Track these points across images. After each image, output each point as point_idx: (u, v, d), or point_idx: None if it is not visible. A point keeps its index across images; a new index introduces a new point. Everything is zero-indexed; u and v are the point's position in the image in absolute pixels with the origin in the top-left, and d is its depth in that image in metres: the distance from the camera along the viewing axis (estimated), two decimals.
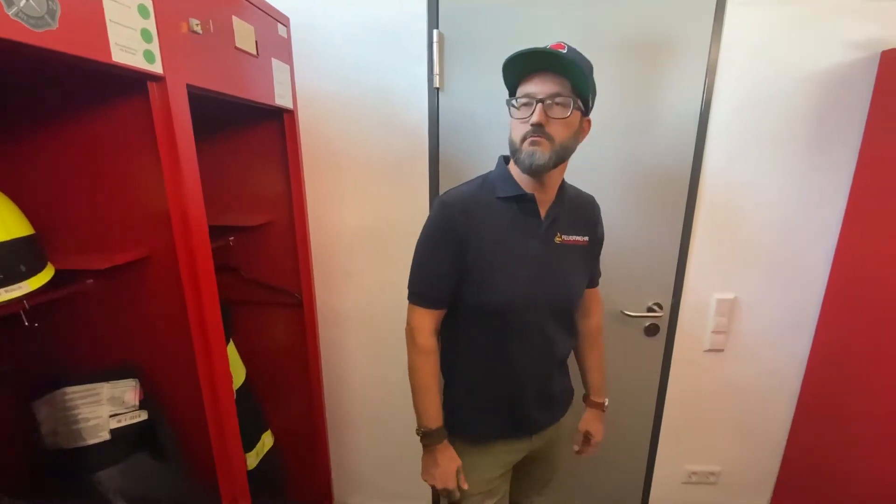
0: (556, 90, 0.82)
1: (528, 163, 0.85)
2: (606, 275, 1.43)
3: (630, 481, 1.69)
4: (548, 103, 0.82)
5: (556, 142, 0.84)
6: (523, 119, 0.84)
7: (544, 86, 0.82)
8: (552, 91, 0.82)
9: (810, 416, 1.52)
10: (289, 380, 1.28)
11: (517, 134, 0.86)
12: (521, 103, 0.85)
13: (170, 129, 0.67)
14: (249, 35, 0.86)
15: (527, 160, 0.85)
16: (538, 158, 0.84)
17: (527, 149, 0.85)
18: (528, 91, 0.84)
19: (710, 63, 1.28)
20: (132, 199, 0.71)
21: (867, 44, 1.27)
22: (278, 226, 1.15)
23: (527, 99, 0.84)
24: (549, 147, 0.84)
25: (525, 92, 0.84)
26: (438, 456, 0.96)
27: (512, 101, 0.87)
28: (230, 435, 0.84)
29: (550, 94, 0.82)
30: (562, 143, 0.85)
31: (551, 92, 0.82)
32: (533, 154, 0.84)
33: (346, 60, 1.29)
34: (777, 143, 1.34)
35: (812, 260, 1.43)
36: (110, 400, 0.74)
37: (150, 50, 0.64)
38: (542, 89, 0.82)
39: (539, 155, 0.84)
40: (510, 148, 0.89)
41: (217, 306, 0.79)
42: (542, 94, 0.82)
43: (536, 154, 0.84)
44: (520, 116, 0.85)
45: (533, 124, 0.82)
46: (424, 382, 0.95)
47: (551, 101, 0.82)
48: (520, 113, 0.85)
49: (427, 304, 0.94)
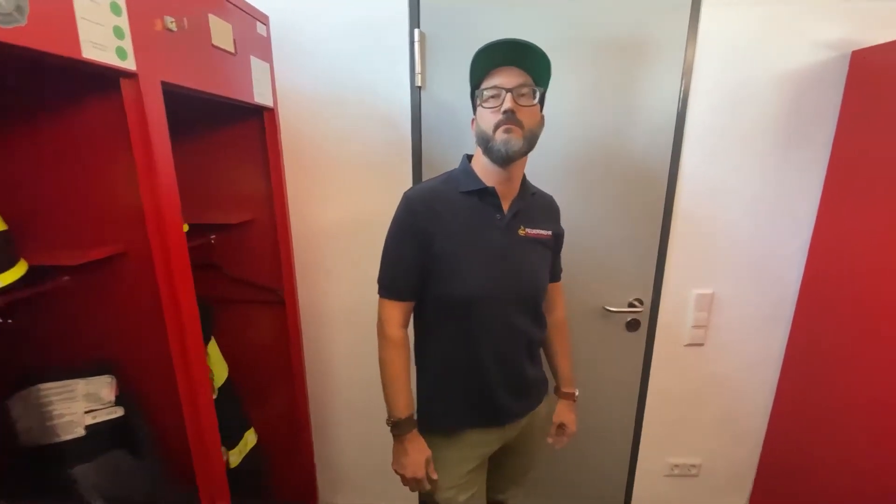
0: (522, 80, 0.87)
1: (504, 150, 0.88)
2: (588, 270, 1.46)
3: (614, 474, 1.71)
4: (515, 93, 0.86)
5: (526, 128, 0.88)
6: (494, 108, 0.88)
7: (510, 77, 0.87)
8: (519, 82, 0.87)
9: (788, 408, 1.55)
10: (272, 378, 1.28)
11: (488, 123, 0.89)
12: (489, 95, 0.88)
13: (144, 126, 0.68)
14: (227, 33, 0.87)
15: (502, 148, 0.88)
16: (513, 145, 0.88)
17: (500, 136, 0.87)
18: (495, 83, 0.88)
19: (687, 63, 1.30)
20: (107, 195, 0.71)
21: (838, 44, 1.30)
22: (260, 223, 1.16)
23: (494, 90, 0.88)
24: (521, 133, 0.88)
25: (492, 84, 0.88)
26: (408, 446, 0.98)
27: (478, 94, 0.90)
28: (208, 432, 0.85)
29: (517, 84, 0.87)
30: (531, 130, 0.90)
31: (518, 83, 0.87)
32: (508, 141, 0.88)
33: (328, 59, 1.29)
34: (752, 142, 1.37)
35: (787, 255, 1.47)
36: (85, 396, 0.74)
37: (123, 47, 0.64)
38: (509, 80, 0.87)
39: (514, 141, 0.88)
40: (481, 138, 0.91)
41: (194, 303, 0.79)
42: (510, 84, 0.87)
43: (511, 141, 0.88)
44: (490, 106, 0.88)
45: (505, 111, 0.86)
46: (393, 374, 0.97)
47: (518, 92, 0.87)
48: (489, 103, 0.89)
49: (394, 297, 0.97)
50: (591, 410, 1.60)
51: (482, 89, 0.90)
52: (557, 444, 1.19)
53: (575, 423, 1.19)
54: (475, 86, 0.93)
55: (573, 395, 1.19)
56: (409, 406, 0.99)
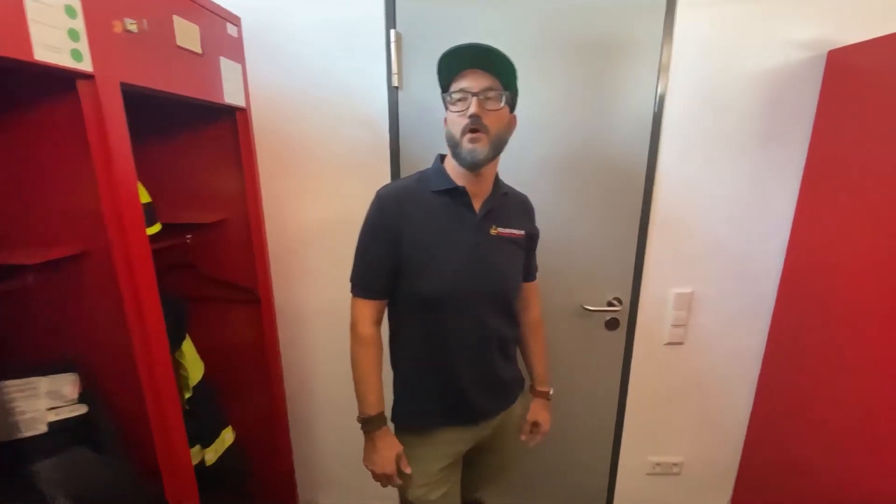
0: (489, 84, 0.88)
1: (470, 159, 0.90)
2: (566, 270, 1.47)
3: (596, 472, 1.72)
4: (482, 97, 0.87)
5: (491, 133, 0.90)
6: (460, 112, 0.89)
7: (477, 81, 0.88)
8: (485, 85, 0.87)
9: (768, 405, 1.55)
10: (250, 377, 1.29)
11: (455, 128, 0.90)
12: (457, 98, 0.89)
13: (102, 126, 0.69)
14: (193, 34, 0.87)
15: (468, 157, 0.90)
16: (479, 154, 0.90)
17: (467, 146, 0.90)
18: (461, 86, 0.88)
19: (663, 63, 1.31)
20: (67, 195, 0.72)
21: (814, 43, 1.31)
22: (235, 223, 1.16)
23: (461, 94, 0.89)
24: (487, 140, 0.90)
25: (459, 87, 0.89)
26: (378, 442, 0.99)
27: (447, 96, 0.91)
28: (174, 431, 0.85)
29: (484, 87, 0.87)
30: (497, 135, 0.91)
31: (485, 86, 0.87)
32: (473, 151, 0.90)
33: (305, 60, 1.30)
34: (729, 141, 1.37)
35: (766, 253, 1.47)
36: (48, 393, 0.75)
37: (78, 49, 0.65)
38: (475, 84, 0.88)
39: (479, 151, 0.90)
40: (449, 142, 0.93)
41: (157, 302, 0.80)
42: (476, 87, 0.88)
43: (477, 150, 0.90)
44: (456, 110, 0.90)
45: (471, 116, 0.87)
46: (363, 371, 0.99)
47: (484, 95, 0.87)
48: (456, 107, 0.90)
49: (366, 295, 0.99)
50: (571, 409, 1.61)
51: (450, 92, 0.91)
52: (531, 442, 1.20)
53: (549, 421, 1.20)
54: (444, 88, 0.94)
55: (548, 393, 1.20)
56: (378, 403, 1.00)
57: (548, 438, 1.23)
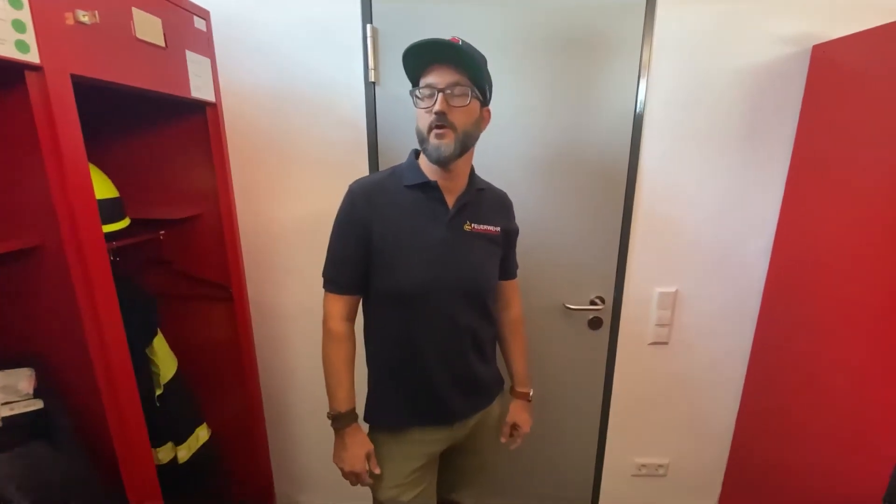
0: (455, 80, 0.86)
1: (436, 155, 0.90)
2: (548, 269, 1.45)
3: (580, 474, 1.70)
4: (448, 92, 0.86)
5: (458, 129, 0.89)
6: (427, 108, 0.88)
7: (443, 76, 0.87)
8: (451, 81, 0.86)
9: (754, 406, 1.53)
10: (225, 374, 1.28)
11: (423, 124, 0.90)
12: (424, 94, 0.89)
13: (51, 118, 0.68)
14: (154, 26, 0.87)
15: (434, 153, 0.90)
16: (444, 150, 0.89)
17: (433, 141, 0.89)
18: (428, 82, 0.88)
19: (644, 60, 1.29)
20: (19, 189, 0.71)
21: (799, 38, 1.28)
22: (207, 219, 1.16)
23: (429, 90, 0.88)
24: (453, 136, 0.89)
25: (426, 83, 0.88)
26: (347, 440, 0.98)
27: (415, 92, 0.90)
28: (133, 429, 0.85)
29: (450, 83, 0.86)
30: (464, 131, 0.90)
31: (450, 81, 0.86)
32: (439, 147, 0.89)
33: (281, 55, 1.29)
34: (712, 139, 1.35)
35: (751, 252, 1.45)
36: (2, 388, 0.75)
37: (24, 40, 0.64)
38: (441, 79, 0.87)
39: (444, 147, 0.89)
40: (418, 138, 0.93)
41: (113, 296, 0.79)
42: (442, 83, 0.87)
43: (442, 147, 0.89)
44: (424, 106, 0.89)
45: (436, 112, 0.86)
46: (334, 367, 0.98)
47: (451, 91, 0.86)
48: (423, 103, 0.89)
49: (337, 290, 0.98)
50: (554, 410, 1.59)
51: (419, 88, 0.90)
52: (511, 445, 1.17)
53: (529, 423, 1.17)
54: (413, 82, 0.93)
55: (528, 394, 1.17)
56: (348, 399, 0.99)
57: (530, 439, 1.21)
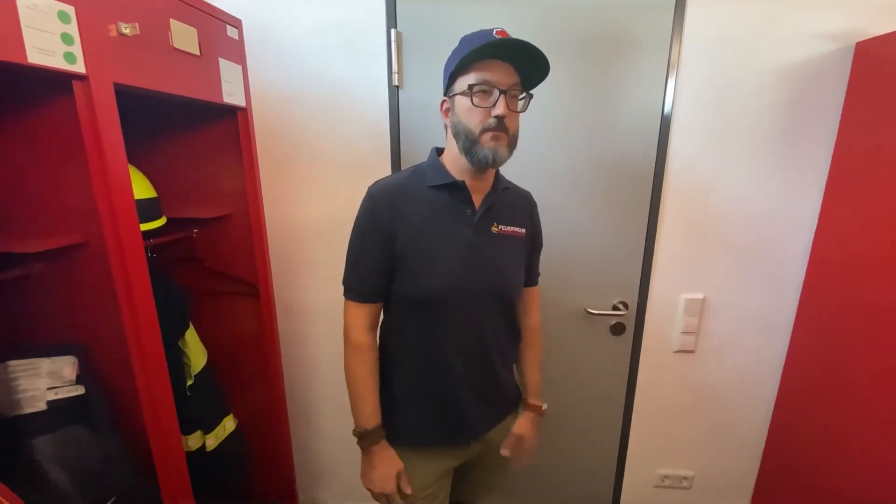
0: (515, 81, 0.83)
1: (491, 158, 0.84)
2: (569, 271, 1.44)
3: (600, 485, 1.66)
4: (509, 95, 0.82)
5: (510, 134, 0.85)
6: (483, 108, 0.82)
7: (505, 75, 0.81)
8: (513, 82, 0.83)
9: (789, 419, 1.46)
10: (251, 369, 1.33)
11: (474, 122, 0.83)
12: (479, 90, 0.81)
13: (95, 124, 0.73)
14: (190, 36, 0.92)
15: (487, 157, 0.83)
16: (500, 155, 0.84)
17: (488, 143, 0.83)
18: (486, 78, 0.81)
19: (672, 59, 1.26)
20: (65, 190, 0.77)
21: (841, 35, 1.22)
22: (237, 218, 1.21)
23: (486, 86, 0.81)
24: (506, 141, 0.85)
25: (483, 79, 0.81)
26: (375, 458, 0.92)
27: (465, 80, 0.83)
28: (165, 416, 0.89)
29: (512, 84, 0.82)
30: (514, 136, 0.86)
31: (513, 83, 0.82)
32: (495, 150, 0.83)
33: (307, 60, 1.33)
34: (744, 139, 1.30)
35: (787, 258, 1.38)
36: (49, 374, 0.81)
37: (72, 52, 0.69)
38: (503, 79, 0.81)
39: (500, 152, 0.84)
40: (465, 136, 0.84)
41: (149, 291, 0.84)
42: (505, 84, 0.81)
43: (499, 150, 0.84)
44: (480, 104, 0.82)
45: (497, 116, 0.81)
46: (358, 380, 0.92)
47: (511, 94, 0.82)
48: (478, 100, 0.82)
49: (359, 298, 0.92)
50: (574, 416, 1.57)
51: (476, 83, 0.81)
52: (515, 458, 1.07)
53: (533, 439, 1.09)
54: (459, 70, 0.83)
55: (540, 408, 1.09)
56: (375, 415, 0.93)
57: (550, 447, 1.16)
